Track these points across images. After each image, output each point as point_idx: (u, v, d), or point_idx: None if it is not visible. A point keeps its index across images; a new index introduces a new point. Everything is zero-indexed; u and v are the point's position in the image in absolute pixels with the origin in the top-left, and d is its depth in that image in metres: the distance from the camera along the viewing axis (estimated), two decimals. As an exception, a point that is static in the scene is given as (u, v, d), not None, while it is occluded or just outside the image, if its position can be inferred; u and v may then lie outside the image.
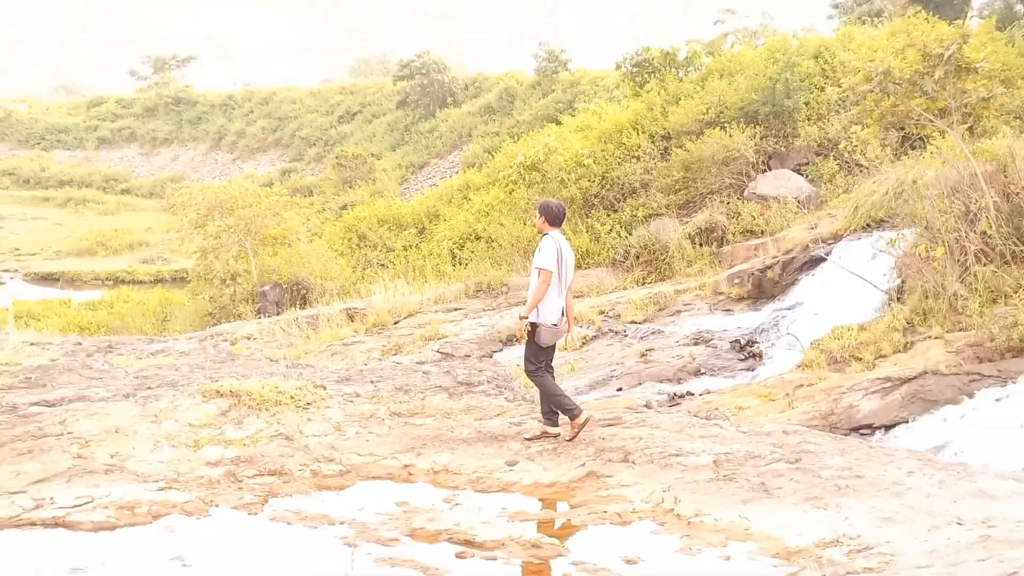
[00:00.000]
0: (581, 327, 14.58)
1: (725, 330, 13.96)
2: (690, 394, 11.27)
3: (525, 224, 20.55)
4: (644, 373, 12.36)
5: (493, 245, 21.01)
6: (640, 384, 12.02)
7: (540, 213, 7.08)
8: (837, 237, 15.18)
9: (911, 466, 6.19)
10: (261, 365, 10.60)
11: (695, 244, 18.44)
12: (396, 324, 16.66)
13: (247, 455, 6.59)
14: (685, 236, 18.53)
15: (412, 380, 9.52)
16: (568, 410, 6.95)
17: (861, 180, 16.34)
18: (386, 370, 10.39)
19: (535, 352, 7.01)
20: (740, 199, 19.41)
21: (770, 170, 20.23)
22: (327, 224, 30.95)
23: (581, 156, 21.64)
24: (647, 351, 13.31)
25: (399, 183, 46.81)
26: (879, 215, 14.30)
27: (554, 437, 7.06)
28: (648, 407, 9.20)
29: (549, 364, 7.15)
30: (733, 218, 18.88)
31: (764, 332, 13.50)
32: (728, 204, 19.39)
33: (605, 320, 15.19)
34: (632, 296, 16.38)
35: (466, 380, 9.69)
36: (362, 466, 6.61)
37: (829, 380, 10.31)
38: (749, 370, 12.42)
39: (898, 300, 11.94)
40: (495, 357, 13.64)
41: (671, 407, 10.18)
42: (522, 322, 6.93)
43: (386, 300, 17.74)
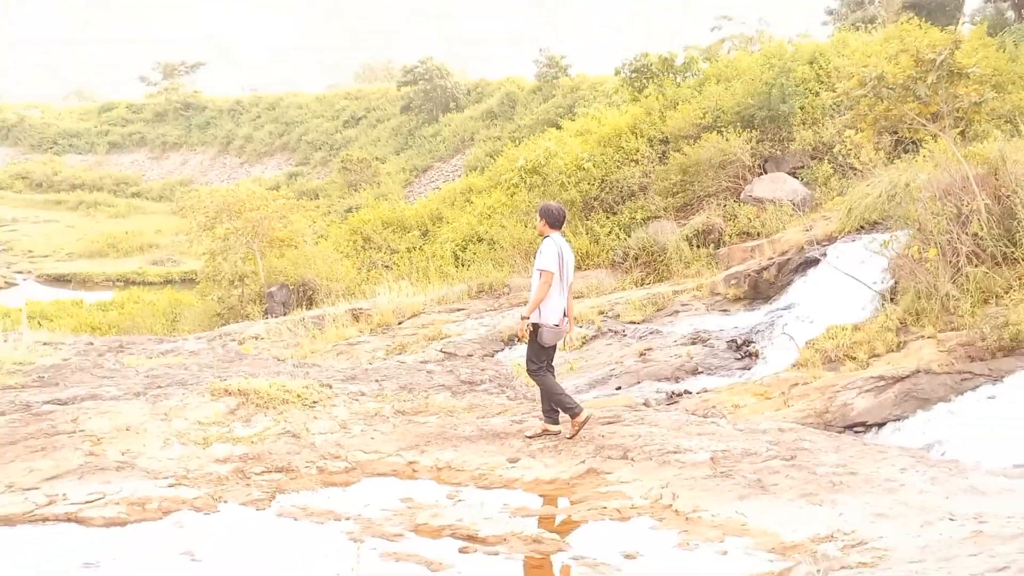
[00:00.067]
0: (581, 327, 14.67)
1: (722, 330, 14.03)
2: (688, 393, 11.33)
3: (526, 226, 20.67)
4: (643, 372, 12.46)
5: (495, 247, 21.11)
6: (639, 383, 12.11)
7: (541, 216, 7.17)
8: (831, 239, 15.23)
9: (904, 463, 6.26)
10: (268, 364, 10.65)
11: (692, 246, 18.55)
12: (400, 324, 16.73)
13: (255, 452, 6.65)
14: (683, 238, 18.63)
15: (416, 379, 9.59)
16: (569, 408, 7.03)
17: (855, 183, 16.42)
18: (390, 369, 10.44)
19: (537, 352, 7.10)
20: (737, 202, 19.52)
21: (766, 173, 20.32)
22: (333, 226, 31.10)
23: (581, 160, 21.77)
24: (645, 350, 13.41)
25: (403, 186, 46.96)
26: (873, 217, 14.38)
27: (555, 435, 7.13)
28: (647, 405, 9.27)
29: (550, 363, 7.23)
30: (730, 220, 18.99)
31: (760, 332, 13.55)
32: (725, 207, 19.51)
33: (604, 320, 15.28)
34: (631, 297, 16.46)
35: (469, 379, 9.76)
36: (367, 463, 6.67)
37: (824, 379, 10.34)
38: (745, 369, 12.48)
39: (891, 300, 11.97)
40: (497, 356, 13.72)
41: (669, 405, 10.24)
42: (524, 322, 7.00)
43: (390, 301, 17.83)
